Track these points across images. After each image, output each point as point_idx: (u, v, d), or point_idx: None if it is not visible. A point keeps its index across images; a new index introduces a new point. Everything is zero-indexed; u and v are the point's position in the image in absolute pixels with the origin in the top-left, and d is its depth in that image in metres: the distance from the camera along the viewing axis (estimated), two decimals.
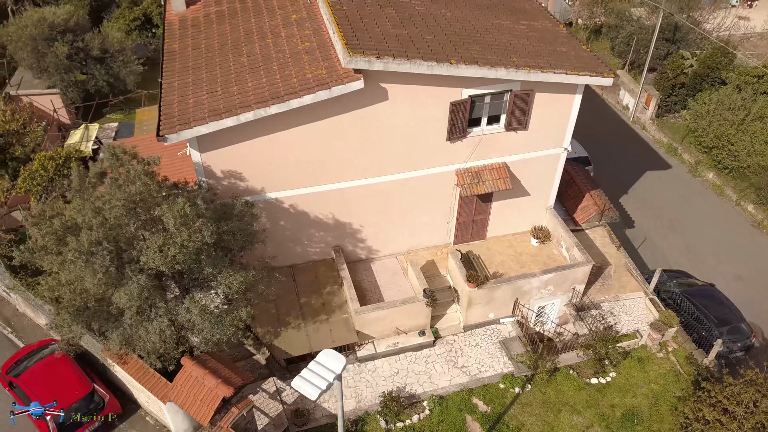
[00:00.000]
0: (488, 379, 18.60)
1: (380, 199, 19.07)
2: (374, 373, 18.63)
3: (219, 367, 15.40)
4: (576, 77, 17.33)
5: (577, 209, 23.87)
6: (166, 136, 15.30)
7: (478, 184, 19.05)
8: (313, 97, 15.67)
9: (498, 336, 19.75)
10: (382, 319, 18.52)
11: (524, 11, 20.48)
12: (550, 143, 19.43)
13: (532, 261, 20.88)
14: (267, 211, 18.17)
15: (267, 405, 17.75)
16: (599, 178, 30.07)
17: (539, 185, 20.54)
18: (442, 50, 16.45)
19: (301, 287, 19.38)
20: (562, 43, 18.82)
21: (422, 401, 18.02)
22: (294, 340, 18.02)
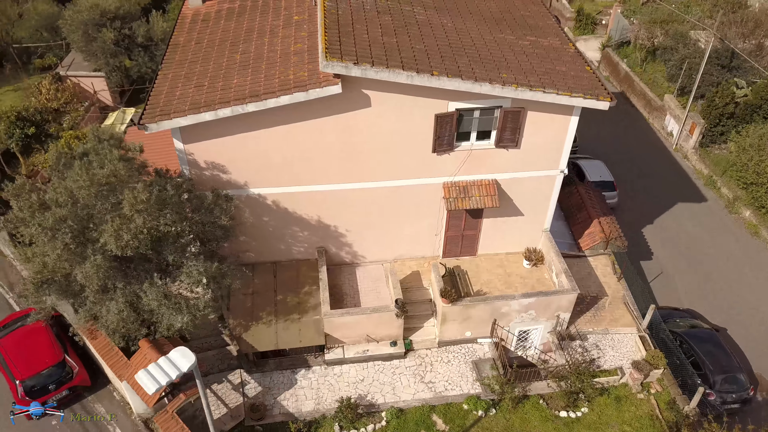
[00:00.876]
0: (452, 398, 18.25)
1: (365, 205, 19.05)
2: (339, 378, 18.63)
3: None
4: (568, 98, 16.75)
5: (583, 234, 23.05)
6: (146, 125, 15.87)
7: (465, 199, 18.72)
8: (290, 98, 15.85)
9: (472, 356, 19.34)
10: (351, 325, 18.50)
11: (535, 27, 19.95)
12: (544, 164, 18.85)
13: (520, 283, 20.32)
14: (249, 206, 18.52)
15: (229, 396, 18.09)
16: (625, 204, 28.99)
17: (533, 206, 19.95)
18: (428, 61, 16.28)
19: (281, 284, 19.62)
20: (564, 62, 18.23)
21: (381, 412, 17.89)
22: (262, 335, 18.27)
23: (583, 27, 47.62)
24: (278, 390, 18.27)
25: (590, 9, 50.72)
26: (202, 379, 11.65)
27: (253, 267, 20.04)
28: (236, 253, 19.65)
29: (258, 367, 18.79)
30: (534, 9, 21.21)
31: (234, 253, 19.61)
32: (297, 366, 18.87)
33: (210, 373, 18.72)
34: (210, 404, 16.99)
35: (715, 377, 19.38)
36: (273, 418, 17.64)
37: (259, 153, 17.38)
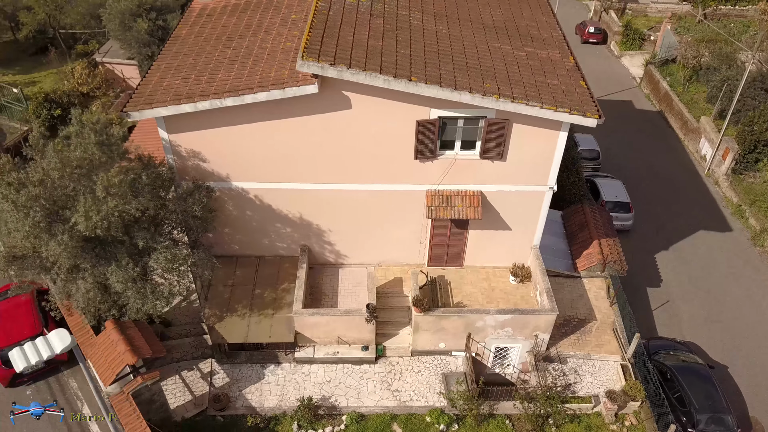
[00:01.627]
0: (416, 409, 17.99)
1: (348, 207, 19.01)
2: (306, 377, 18.66)
3: (136, 336, 16.22)
4: (552, 112, 16.26)
5: (582, 255, 22.33)
6: (129, 112, 16.33)
7: (447, 208, 18.42)
8: (267, 95, 15.99)
9: (444, 368, 19.01)
10: (322, 325, 18.49)
11: (537, 38, 19.47)
12: (532, 179, 18.35)
13: (503, 299, 19.85)
14: (233, 199, 18.78)
15: (196, 384, 18.39)
16: (642, 227, 27.96)
17: (521, 221, 19.45)
18: (410, 66, 16.10)
19: (261, 279, 19.81)
20: (558, 75, 17.71)
21: (342, 415, 17.81)
22: (234, 327, 18.47)
23: (630, 42, 46.21)
24: (245, 383, 18.45)
25: (642, 24, 49.17)
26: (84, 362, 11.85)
27: (237, 260, 20.30)
28: (221, 245, 19.99)
29: (229, 359, 19.02)
30: (542, 20, 20.70)
31: (219, 245, 19.96)
32: (267, 361, 19.00)
33: (183, 360, 19.08)
34: (176, 390, 17.38)
35: (699, 416, 18.39)
36: (235, 410, 17.81)
37: (242, 147, 17.59)
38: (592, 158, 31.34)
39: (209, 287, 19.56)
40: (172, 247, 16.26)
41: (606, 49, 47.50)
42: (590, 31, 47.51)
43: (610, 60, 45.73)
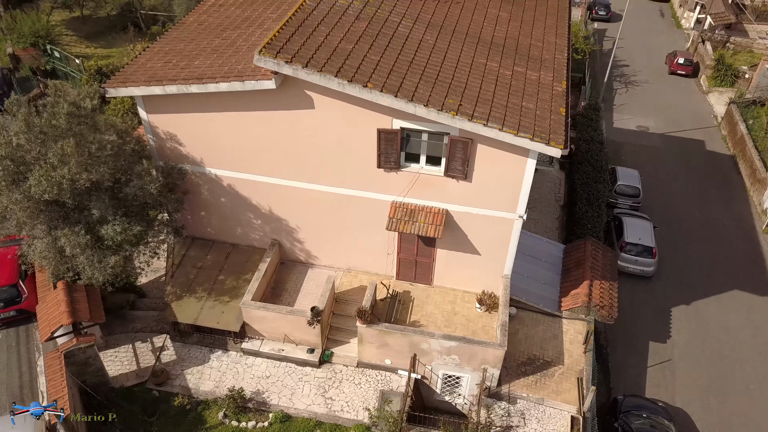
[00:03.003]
0: (343, 421, 17.62)
1: (316, 207, 18.96)
2: (248, 369, 18.80)
3: (81, 300, 17.03)
4: (512, 137, 15.38)
5: (569, 294, 20.94)
6: (106, 89, 17.22)
7: (408, 222, 17.90)
8: (228, 86, 16.29)
9: (385, 384, 18.48)
10: (268, 320, 18.56)
11: (536, 59, 18.47)
12: (499, 205, 17.43)
13: (462, 325, 19.02)
14: (207, 184, 19.27)
15: (145, 356, 19.04)
16: (669, 277, 25.89)
17: (490, 247, 18.53)
18: (372, 73, 15.78)
19: (228, 266, 20.19)
20: (540, 99, 16.73)
21: (270, 412, 17.77)
22: (188, 308, 18.96)
23: (721, 78, 42.80)
24: (189, 363, 18.87)
25: (744, 60, 45.44)
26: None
27: (212, 244, 20.82)
28: (198, 227, 20.59)
29: (182, 338, 19.52)
30: (551, 41, 19.63)
31: (196, 227, 20.58)
32: (216, 346, 19.32)
33: (142, 331, 19.80)
34: (125, 359, 18.14)
35: None
36: (172, 387, 18.26)
37: (214, 135, 18.01)
38: (631, 195, 29.27)
39: (179, 266, 20.19)
40: (126, 221, 16.87)
41: (694, 82, 44.24)
42: (679, 62, 44.43)
43: (695, 95, 42.53)
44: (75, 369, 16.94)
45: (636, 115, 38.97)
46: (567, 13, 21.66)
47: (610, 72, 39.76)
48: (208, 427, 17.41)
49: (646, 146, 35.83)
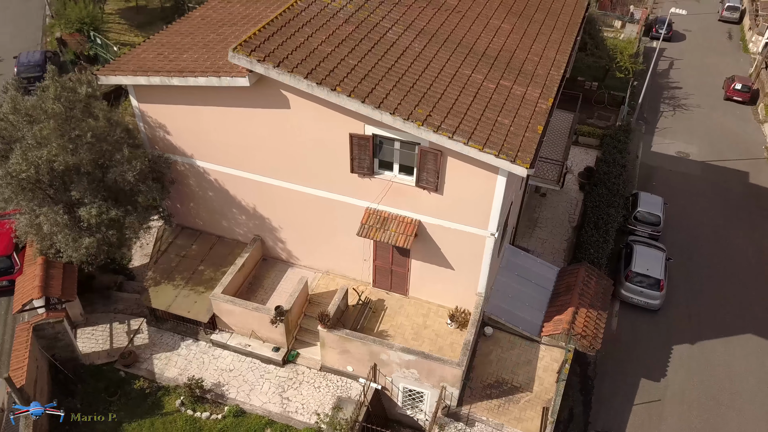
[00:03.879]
0: (295, 423, 17.58)
1: (295, 207, 19.04)
2: (214, 360, 19.05)
3: (56, 276, 17.70)
4: (477, 152, 14.96)
5: (552, 319, 20.18)
6: (98, 75, 17.86)
7: (379, 230, 17.71)
8: (206, 81, 16.58)
9: (345, 391, 18.33)
10: (236, 315, 18.75)
11: (527, 74, 17.93)
12: (471, 220, 16.99)
13: (430, 340, 18.66)
14: (194, 176, 19.69)
15: (119, 336, 19.59)
16: (674, 309, 24.74)
17: (464, 263, 18.09)
18: (345, 77, 15.69)
19: (210, 258, 20.55)
20: (519, 116, 16.23)
21: (225, 405, 17.94)
22: (164, 294, 19.42)
23: None
24: (159, 348, 19.29)
25: None
26: None
27: (200, 235, 21.24)
28: (187, 217, 21.07)
29: (158, 323, 19.97)
30: (550, 56, 19.04)
31: (185, 217, 21.06)
32: (188, 335, 19.67)
33: (122, 313, 20.38)
34: (101, 337, 18.78)
35: None
36: (138, 370, 18.72)
37: (199, 127, 18.38)
38: (651, 223, 27.87)
39: (163, 253, 20.69)
40: (104, 205, 17.40)
41: (750, 110, 41.80)
42: (736, 87, 42.07)
43: (748, 124, 40.18)
44: (45, 342, 17.61)
45: (678, 140, 37.15)
46: (577, 29, 20.92)
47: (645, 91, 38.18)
48: (164, 412, 17.74)
49: (683, 173, 34.09)
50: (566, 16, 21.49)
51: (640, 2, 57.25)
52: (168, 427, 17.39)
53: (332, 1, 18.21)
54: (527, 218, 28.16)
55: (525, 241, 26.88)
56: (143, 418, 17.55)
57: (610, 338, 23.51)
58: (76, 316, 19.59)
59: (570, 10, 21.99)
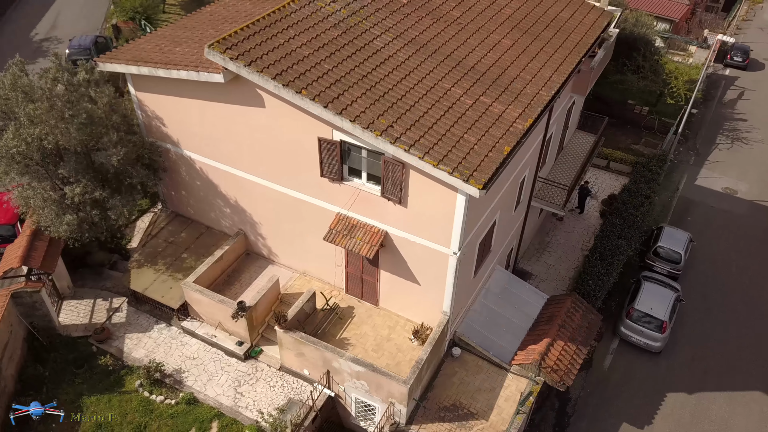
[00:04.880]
0: (243, 418, 17.72)
1: (272, 205, 19.23)
2: (181, 346, 19.49)
3: (39, 248, 18.62)
4: (431, 167, 14.61)
5: (526, 348, 19.44)
6: (97, 62, 18.72)
7: (346, 237, 17.60)
8: (186, 74, 17.02)
9: (299, 394, 18.31)
10: (204, 305, 19.12)
11: (512, 92, 17.36)
12: (434, 237, 16.58)
13: (391, 353, 18.37)
14: (184, 165, 20.25)
15: (100, 313, 20.36)
16: (678, 352, 23.37)
17: (429, 279, 17.68)
18: (315, 80, 15.68)
19: (195, 246, 21.07)
20: (488, 135, 15.74)
21: (181, 392, 18.32)
22: (144, 277, 20.08)
23: None
24: (133, 328, 19.92)
25: None
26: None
27: (190, 223, 21.83)
28: (179, 204, 21.71)
29: (138, 303, 20.64)
30: (544, 74, 18.38)
31: (178, 204, 21.72)
32: (162, 319, 20.19)
33: (109, 290, 21.19)
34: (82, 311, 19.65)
35: None
36: (108, 346, 19.40)
37: (186, 119, 18.90)
38: (671, 260, 26.31)
39: (153, 237, 21.40)
40: (90, 185, 18.19)
41: None
42: None
43: None
44: (23, 310, 18.57)
45: (728, 176, 34.87)
46: (585, 49, 20.02)
47: (701, 120, 36.00)
48: (123, 391, 18.30)
49: (725, 211, 31.96)
50: (578, 36, 20.61)
51: (718, 27, 54.12)
52: (123, 405, 17.92)
53: (326, 5, 18.22)
54: (538, 241, 27.27)
55: (530, 265, 26.05)
56: (102, 393, 18.16)
57: (600, 376, 22.46)
58: (64, 288, 20.55)
59: (584, 29, 21.07)
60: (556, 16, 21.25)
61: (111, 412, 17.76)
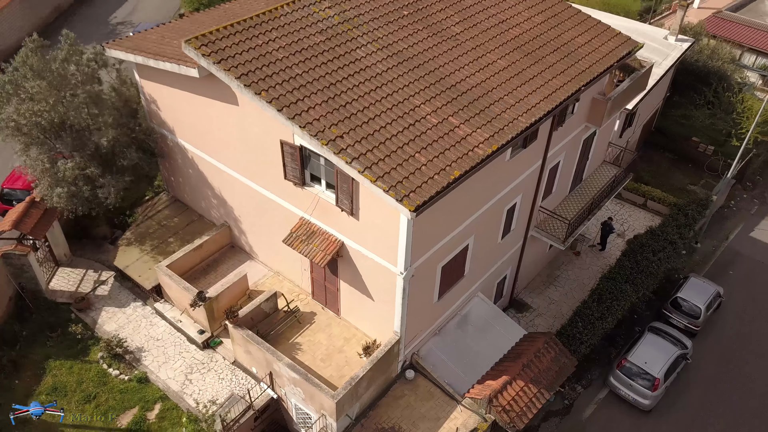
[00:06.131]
0: (184, 405, 18.13)
1: (248, 201, 19.56)
2: (149, 326, 20.19)
3: (33, 215, 19.87)
4: (369, 183, 14.33)
5: (484, 382, 18.62)
6: (105, 47, 19.81)
7: (303, 242, 17.58)
8: (170, 67, 17.66)
9: (244, 390, 18.47)
10: (172, 289, 19.71)
11: (487, 115, 16.66)
12: (384, 253, 16.22)
13: (338, 366, 18.16)
14: (179, 153, 21.00)
15: (87, 283, 21.48)
16: (671, 414, 21.46)
17: (381, 297, 17.32)
18: (279, 84, 15.77)
19: (184, 233, 21.80)
20: (442, 157, 15.23)
21: (136, 370, 18.99)
22: (128, 255, 21.04)
23: None
24: (112, 302, 20.85)
25: None
26: None
27: (186, 209, 22.61)
28: (178, 190, 22.55)
29: (123, 279, 21.59)
30: (531, 101, 17.50)
31: (177, 190, 22.56)
32: (141, 298, 21.00)
33: (102, 263, 22.27)
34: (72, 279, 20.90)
35: None
36: (85, 316, 20.42)
37: (178, 108, 19.61)
38: (689, 314, 24.31)
39: (148, 218, 22.34)
40: (83, 162, 19.28)
41: None
42: None
43: None
44: (12, 270, 19.94)
45: None
46: (589, 78, 18.86)
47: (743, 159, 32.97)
48: (86, 360, 19.23)
49: None
50: (586, 63, 19.42)
51: None
52: (82, 374, 18.82)
53: (321, 11, 18.27)
54: (547, 273, 26.07)
55: (531, 297, 24.96)
56: (67, 359, 19.16)
57: (575, 426, 21.16)
58: (61, 255, 21.87)
59: (597, 57, 19.83)
60: (570, 40, 20.15)
61: (69, 378, 18.68)
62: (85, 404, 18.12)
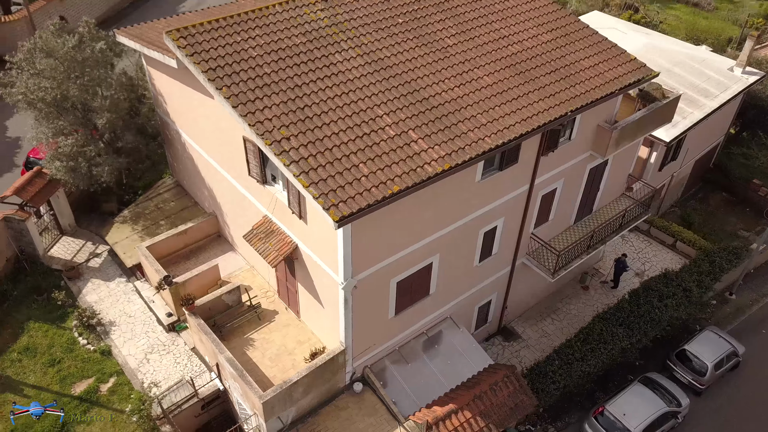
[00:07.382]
0: (136, 383, 18.71)
1: (225, 193, 19.94)
2: (126, 302, 20.99)
3: (36, 185, 21.14)
4: (302, 187, 14.18)
5: (432, 407, 17.99)
6: (115, 33, 20.80)
7: (261, 240, 17.69)
8: (156, 55, 18.29)
9: (197, 377, 18.80)
10: (149, 270, 20.39)
11: (451, 132, 16.04)
12: (327, 261, 16.03)
13: (283, 368, 18.08)
14: (179, 141, 21.69)
15: (84, 254, 22.64)
16: None
17: (328, 305, 17.11)
18: (243, 81, 15.91)
19: (177, 217, 22.54)
20: (387, 170, 14.83)
21: (102, 342, 19.79)
22: (119, 232, 22.04)
23: None
24: (99, 275, 21.84)
25: None
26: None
27: (184, 195, 23.35)
28: (180, 176, 23.32)
29: (115, 254, 22.53)
30: (506, 122, 16.69)
31: (179, 175, 23.34)
32: (127, 274, 21.87)
33: (101, 237, 23.37)
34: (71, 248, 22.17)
35: None
36: (73, 284, 21.54)
37: (174, 96, 20.25)
38: (695, 370, 22.39)
39: (148, 200, 23.25)
40: (83, 138, 20.38)
41: None
42: None
43: None
44: (13, 234, 21.33)
45: None
46: (582, 103, 17.76)
47: None
48: (61, 326, 20.25)
49: None
50: (585, 87, 18.26)
51: None
52: (54, 338, 19.85)
53: (312, 12, 18.29)
54: (547, 305, 24.90)
55: (523, 326, 23.93)
56: (45, 322, 20.26)
57: None
58: (66, 225, 23.16)
59: (600, 82, 18.58)
60: (573, 62, 19.02)
61: (42, 341, 19.75)
62: (49, 367, 19.08)
